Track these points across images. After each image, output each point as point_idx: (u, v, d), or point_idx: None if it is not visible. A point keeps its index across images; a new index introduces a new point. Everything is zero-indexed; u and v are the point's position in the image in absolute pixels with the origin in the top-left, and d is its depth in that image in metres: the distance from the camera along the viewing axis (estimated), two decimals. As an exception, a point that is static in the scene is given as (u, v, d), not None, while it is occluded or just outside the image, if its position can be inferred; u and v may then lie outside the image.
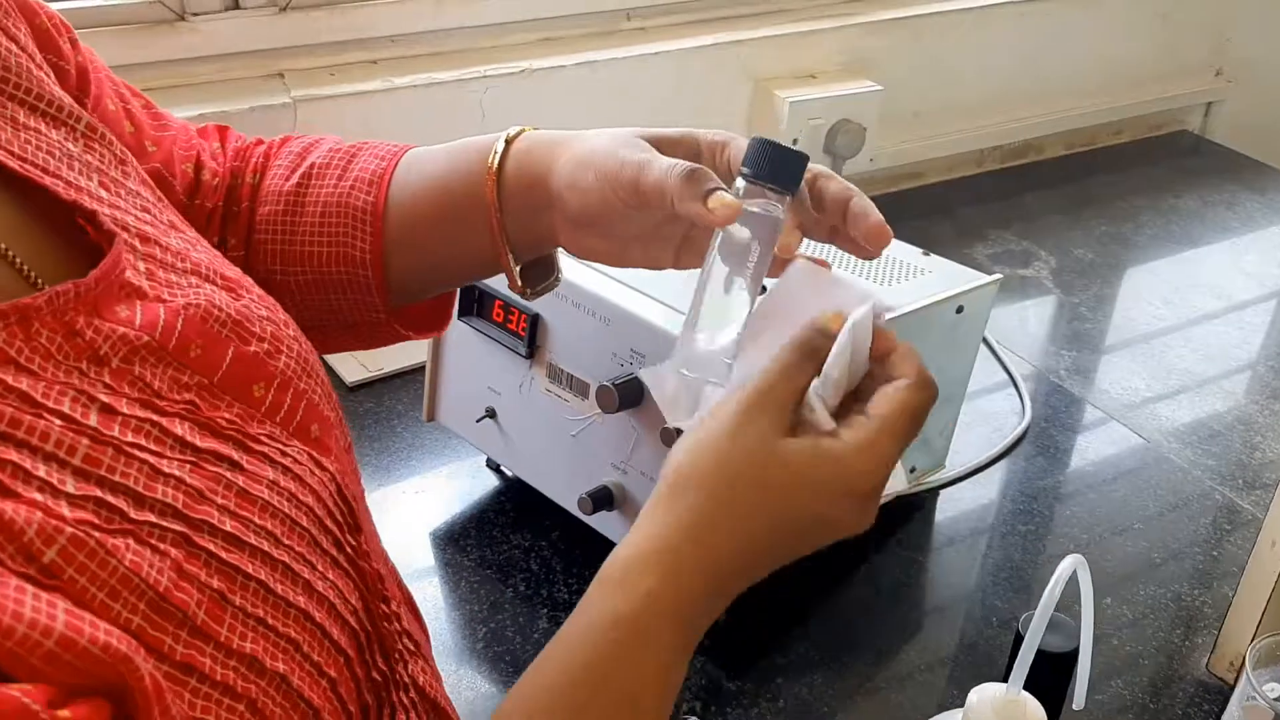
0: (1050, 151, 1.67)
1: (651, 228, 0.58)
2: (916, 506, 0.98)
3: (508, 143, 0.60)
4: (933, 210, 1.48)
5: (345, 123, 1.10)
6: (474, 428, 0.90)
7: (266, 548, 0.40)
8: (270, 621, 0.39)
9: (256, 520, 0.41)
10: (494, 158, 0.60)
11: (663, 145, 0.56)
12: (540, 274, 0.65)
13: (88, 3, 1.02)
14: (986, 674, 0.77)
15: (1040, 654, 0.72)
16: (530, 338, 0.83)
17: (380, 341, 0.68)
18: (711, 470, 0.48)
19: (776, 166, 0.51)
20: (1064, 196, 1.53)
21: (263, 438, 0.44)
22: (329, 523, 0.45)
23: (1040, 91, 1.59)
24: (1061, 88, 1.61)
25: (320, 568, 0.43)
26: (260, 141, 0.68)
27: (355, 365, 1.08)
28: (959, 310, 0.88)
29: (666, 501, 0.48)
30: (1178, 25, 1.67)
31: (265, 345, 0.48)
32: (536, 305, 0.84)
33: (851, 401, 0.50)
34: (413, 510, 0.95)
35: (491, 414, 0.89)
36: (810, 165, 0.53)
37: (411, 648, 0.53)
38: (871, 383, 0.50)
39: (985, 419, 1.09)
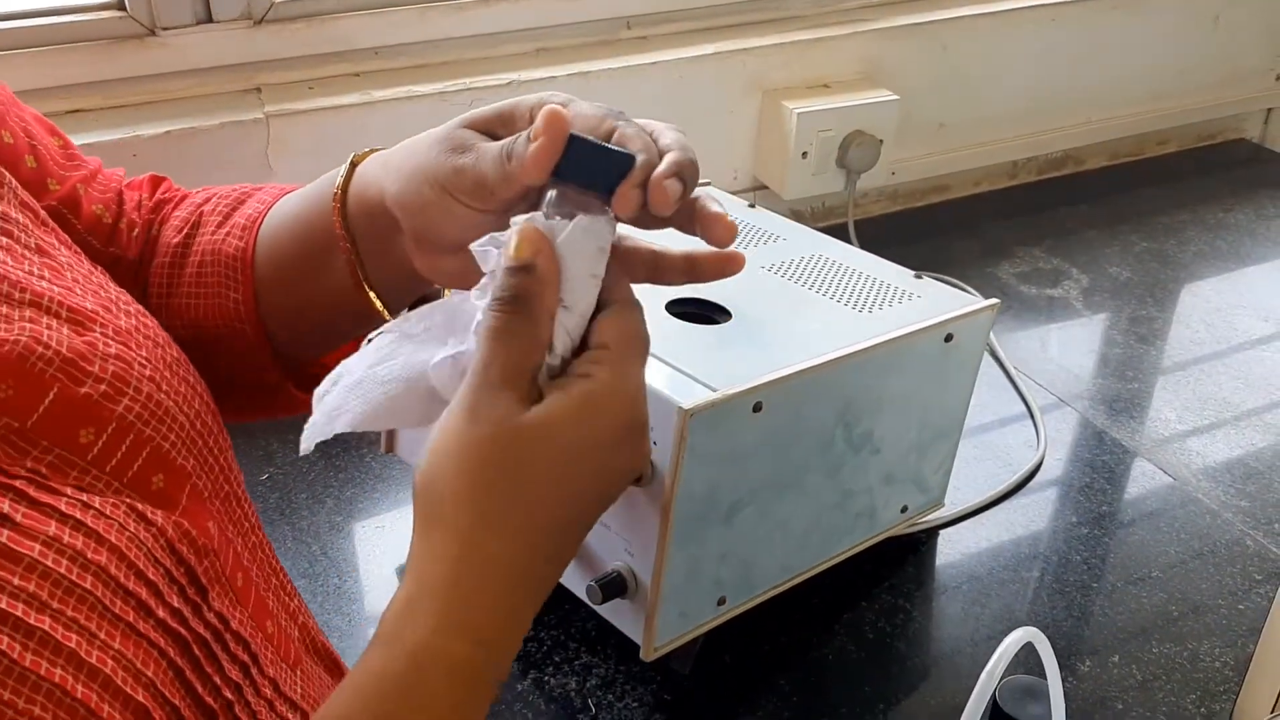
0: (1092, 163, 1.58)
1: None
2: (911, 549, 0.91)
3: (354, 164, 0.55)
4: (958, 226, 1.40)
5: (323, 138, 1.07)
6: (430, 461, 0.85)
7: (20, 612, 0.35)
8: (8, 698, 0.34)
9: (16, 582, 0.36)
10: (338, 182, 0.55)
11: (490, 125, 0.50)
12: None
13: (55, 19, 0.99)
14: (965, 745, 0.69)
15: (1019, 727, 0.65)
16: (479, 367, 0.78)
17: (284, 409, 0.63)
18: (455, 479, 0.41)
19: (586, 164, 0.44)
20: (1102, 211, 1.44)
21: (67, 488, 0.40)
22: (134, 584, 0.40)
23: (1080, 99, 1.50)
24: (1104, 95, 1.52)
25: (103, 635, 0.38)
26: (187, 195, 0.65)
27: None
28: (948, 339, 0.80)
29: (421, 532, 0.42)
30: (1231, 27, 1.57)
31: (103, 387, 0.43)
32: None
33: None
34: (373, 546, 0.90)
35: (446, 447, 0.84)
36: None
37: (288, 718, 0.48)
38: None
39: (996, 453, 1.01)
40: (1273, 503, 0.96)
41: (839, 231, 1.22)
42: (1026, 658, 0.62)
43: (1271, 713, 0.69)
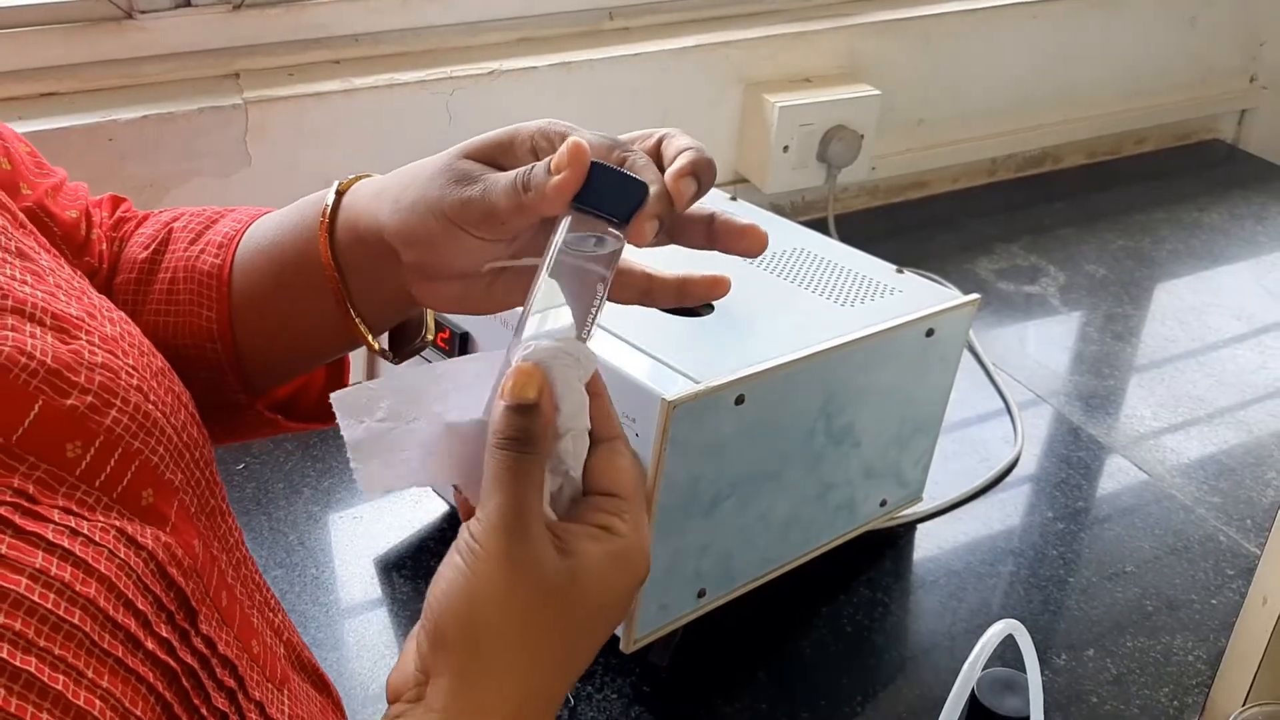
0: (1070, 161, 1.58)
1: (515, 254, 0.51)
2: (888, 543, 0.91)
3: (339, 193, 0.54)
4: (936, 222, 1.40)
5: (302, 125, 1.06)
6: (409, 451, 0.85)
7: (4, 653, 0.34)
8: None
9: (2, 620, 0.35)
10: (325, 210, 0.54)
11: (493, 154, 0.49)
12: (410, 334, 0.59)
13: (29, 0, 0.97)
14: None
15: (996, 719, 0.66)
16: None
17: (252, 431, 0.62)
18: (504, 628, 0.41)
19: (603, 192, 0.44)
20: (1079, 209, 1.45)
21: (56, 512, 0.39)
22: (123, 616, 0.39)
23: (1058, 98, 1.51)
24: (1082, 94, 1.53)
25: (91, 674, 0.36)
26: (149, 214, 0.64)
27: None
28: (929, 333, 0.81)
29: (457, 674, 0.41)
30: (1207, 29, 1.58)
31: (89, 398, 0.42)
32: (466, 323, 0.78)
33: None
34: (350, 537, 0.90)
35: (426, 437, 0.83)
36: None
37: None
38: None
39: (974, 449, 1.02)
40: (1245, 499, 0.97)
41: (819, 226, 1.22)
42: (1003, 652, 0.62)
43: (1243, 705, 0.70)
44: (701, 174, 0.47)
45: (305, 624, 0.81)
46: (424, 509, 0.92)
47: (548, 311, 0.44)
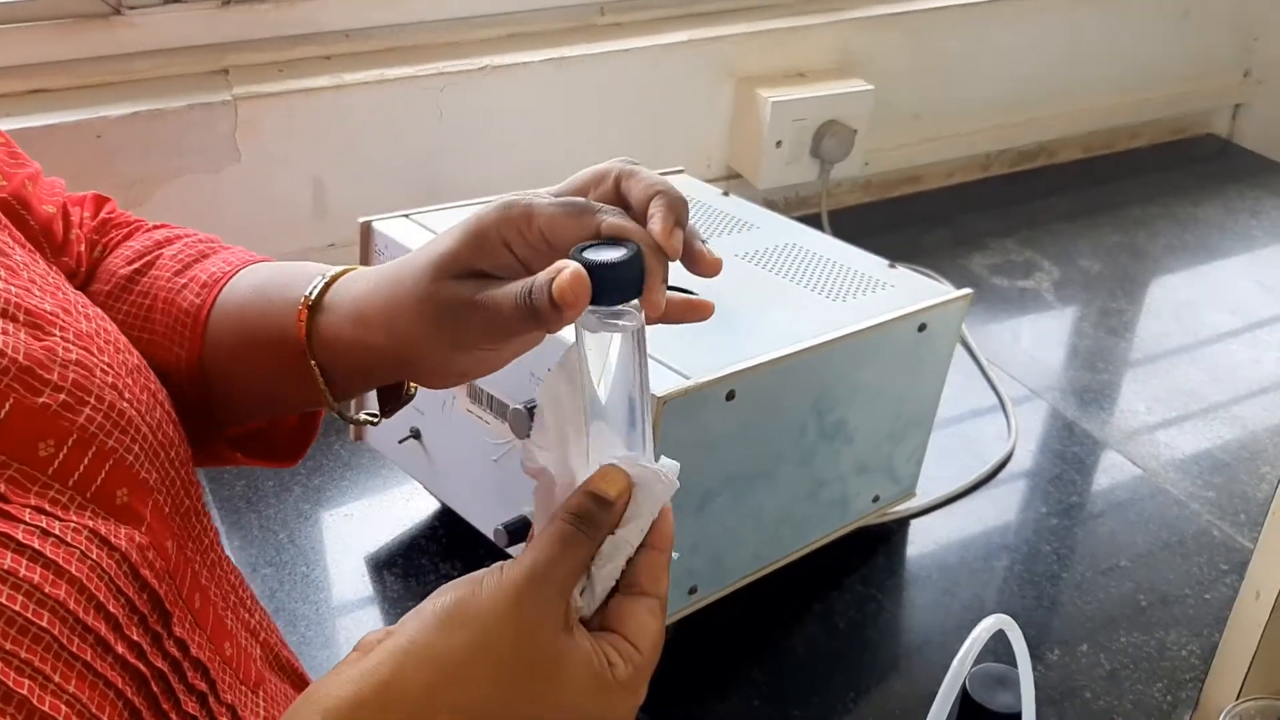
0: (1065, 155, 1.58)
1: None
2: (882, 538, 0.91)
3: (308, 306, 0.52)
4: (930, 217, 1.40)
5: (292, 122, 1.05)
6: (399, 449, 0.84)
7: None
8: None
9: None
10: (306, 301, 0.52)
11: (467, 262, 0.47)
12: (394, 390, 0.58)
13: (17, -5, 0.97)
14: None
15: (988, 715, 0.66)
16: (450, 354, 0.77)
17: (210, 461, 0.60)
18: (474, 645, 0.41)
19: (605, 293, 0.43)
20: (1074, 203, 1.45)
21: (27, 512, 0.38)
22: (93, 619, 0.38)
23: (1053, 92, 1.51)
24: (1076, 88, 1.52)
25: (58, 679, 0.36)
26: (139, 221, 0.63)
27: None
28: (921, 328, 0.80)
29: (426, 692, 0.41)
30: (1201, 23, 1.58)
31: (62, 396, 0.41)
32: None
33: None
34: (340, 535, 0.89)
35: (416, 435, 0.83)
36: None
37: None
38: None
39: (968, 444, 1.01)
40: (1239, 494, 0.97)
41: (812, 221, 1.21)
42: (996, 647, 0.62)
43: (1236, 699, 0.70)
44: (681, 217, 0.46)
45: (296, 623, 0.81)
46: (415, 507, 0.92)
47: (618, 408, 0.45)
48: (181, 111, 1.00)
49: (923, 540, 0.91)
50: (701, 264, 0.47)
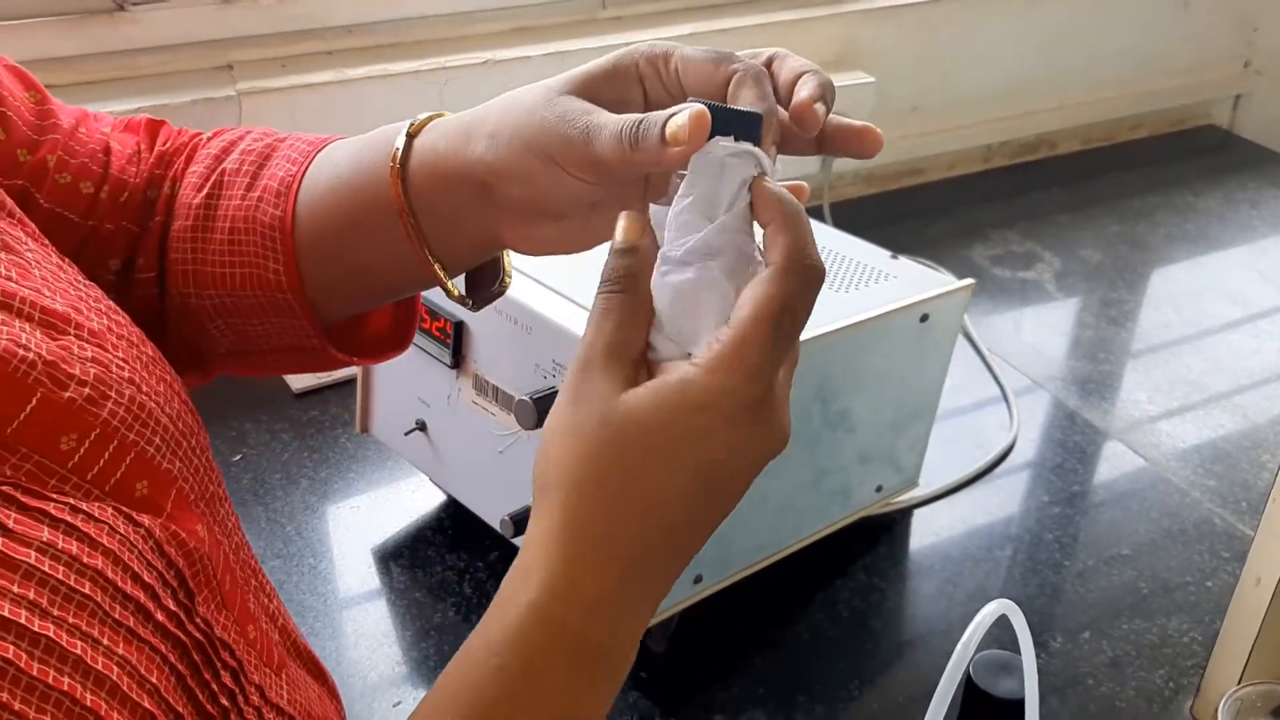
0: (1065, 147, 1.58)
1: (615, 190, 0.50)
2: (885, 528, 0.91)
3: (410, 135, 0.52)
4: (932, 209, 1.40)
5: (296, 117, 1.06)
6: (405, 441, 0.85)
7: (24, 619, 0.35)
8: (18, 708, 0.33)
9: (15, 590, 0.35)
10: (395, 154, 0.51)
11: (596, 86, 0.47)
12: (487, 277, 0.58)
13: (22, -9, 0.97)
14: (939, 721, 0.70)
15: (991, 701, 0.66)
16: (455, 346, 0.78)
17: (321, 366, 0.60)
18: (558, 454, 0.42)
19: (720, 130, 0.43)
20: (1074, 194, 1.45)
21: (50, 492, 0.39)
22: (131, 588, 0.39)
23: (1053, 84, 1.51)
24: (1077, 80, 1.53)
25: (106, 641, 0.37)
26: (195, 136, 0.61)
27: (301, 371, 1.03)
28: (923, 319, 0.81)
29: (534, 507, 0.43)
30: (1201, 14, 1.58)
31: (87, 390, 0.42)
32: (460, 312, 0.78)
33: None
34: (347, 527, 0.90)
35: (422, 426, 0.83)
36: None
37: None
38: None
39: (971, 434, 1.02)
40: (1240, 482, 0.97)
41: (814, 213, 1.22)
42: (999, 634, 0.63)
43: (1237, 685, 0.70)
44: (827, 97, 0.46)
45: (303, 614, 0.82)
46: (421, 499, 0.92)
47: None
48: (185, 107, 1.00)
49: (925, 530, 0.92)
50: (864, 140, 0.47)
